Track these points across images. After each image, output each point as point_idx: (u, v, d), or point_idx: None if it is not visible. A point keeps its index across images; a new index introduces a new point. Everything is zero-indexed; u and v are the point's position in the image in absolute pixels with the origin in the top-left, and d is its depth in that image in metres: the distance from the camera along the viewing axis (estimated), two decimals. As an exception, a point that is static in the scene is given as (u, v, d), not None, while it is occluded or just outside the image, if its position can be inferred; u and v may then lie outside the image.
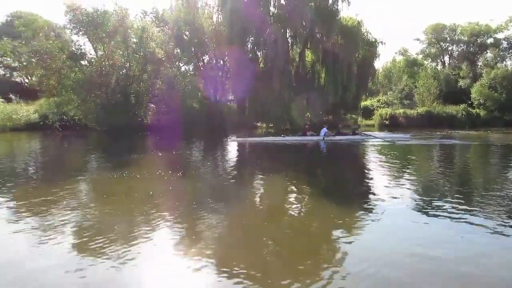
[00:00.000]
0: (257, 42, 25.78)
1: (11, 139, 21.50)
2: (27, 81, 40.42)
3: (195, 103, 28.35)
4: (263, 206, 6.98)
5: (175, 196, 7.46)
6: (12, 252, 4.59)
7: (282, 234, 5.28)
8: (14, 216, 6.10)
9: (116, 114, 23.60)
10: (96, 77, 24.09)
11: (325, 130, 18.95)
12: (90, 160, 13.64)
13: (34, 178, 10.15)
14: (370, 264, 4.13)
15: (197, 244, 4.72)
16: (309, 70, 26.81)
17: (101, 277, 3.87)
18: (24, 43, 24.51)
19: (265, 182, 9.26)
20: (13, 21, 35.80)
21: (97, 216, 6.08)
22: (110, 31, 23.85)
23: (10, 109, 26.61)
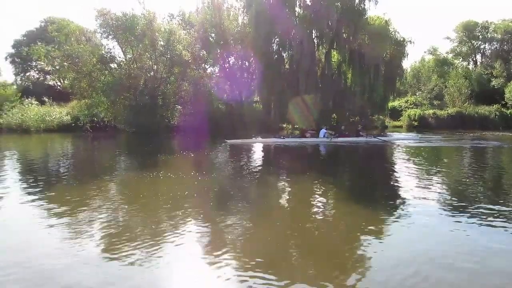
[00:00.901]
0: (282, 43, 25.70)
1: (45, 140, 22.28)
2: (59, 84, 41.82)
3: (220, 104, 28.56)
4: (288, 207, 6.95)
5: (201, 196, 7.52)
6: (42, 248, 4.74)
7: (308, 235, 5.23)
8: (47, 214, 6.32)
9: (144, 116, 24.05)
10: (125, 79, 24.65)
11: (324, 131, 18.69)
12: (119, 161, 13.96)
13: (66, 177, 10.47)
14: (396, 267, 4.04)
15: (222, 246, 4.73)
16: (335, 70, 26.51)
17: (127, 276, 3.95)
18: (57, 47, 25.34)
19: (290, 183, 9.22)
20: (46, 26, 37.13)
21: (124, 216, 6.21)
22: (138, 34, 24.36)
23: (43, 111, 27.63)
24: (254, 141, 18.21)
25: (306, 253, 4.56)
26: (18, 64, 47.31)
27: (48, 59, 26.84)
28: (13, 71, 48.37)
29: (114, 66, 26.25)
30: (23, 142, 21.22)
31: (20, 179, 9.78)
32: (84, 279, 3.82)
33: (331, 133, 18.80)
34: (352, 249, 4.72)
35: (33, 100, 29.42)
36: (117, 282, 3.78)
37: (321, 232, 5.37)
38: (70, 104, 29.97)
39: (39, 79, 47.86)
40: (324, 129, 18.87)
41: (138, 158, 14.33)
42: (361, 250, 4.61)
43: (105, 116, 26.23)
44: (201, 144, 17.72)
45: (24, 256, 4.44)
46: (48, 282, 3.78)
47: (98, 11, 24.49)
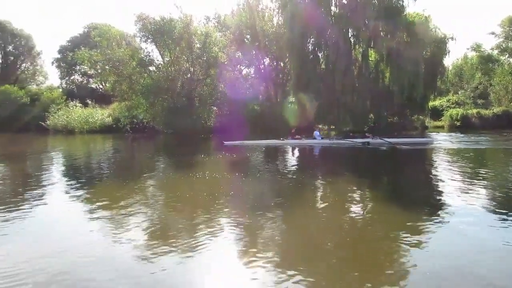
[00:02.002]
0: (318, 43, 25.42)
1: (88, 141, 23.24)
2: (101, 87, 43.51)
3: (256, 105, 28.68)
4: (325, 209, 6.87)
5: (237, 197, 7.59)
6: (82, 243, 4.93)
7: (344, 239, 5.15)
8: (87, 211, 6.60)
9: (181, 117, 24.57)
10: (163, 82, 25.29)
11: (317, 133, 18.31)
12: (157, 161, 14.33)
13: (106, 176, 10.90)
14: (435, 272, 3.91)
15: (257, 247, 4.74)
16: (372, 70, 25.90)
17: (161, 275, 4.02)
18: (99, 52, 26.38)
19: (326, 185, 9.12)
20: (89, 32, 38.76)
21: (161, 215, 6.38)
22: (176, 37, 24.92)
23: (87, 113, 28.89)
24: (252, 143, 17.84)
25: (342, 257, 4.49)
26: (64, 69, 49.67)
27: (91, 63, 28.04)
28: (59, 75, 50.91)
29: (153, 69, 27.00)
30: (68, 143, 22.25)
31: (64, 178, 10.26)
32: (118, 277, 3.93)
33: (323, 137, 18.52)
34: (389, 252, 4.61)
35: (77, 102, 30.84)
36: (152, 281, 3.88)
37: (357, 236, 5.27)
38: (111, 106, 31.19)
39: (83, 82, 50.03)
40: (317, 131, 18.59)
41: (175, 159, 14.66)
42: (398, 254, 4.48)
43: (144, 118, 27.03)
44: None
45: (63, 250, 4.65)
46: (83, 278, 3.91)
47: (138, 16, 25.28)
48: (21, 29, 49.82)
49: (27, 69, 52.41)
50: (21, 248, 4.74)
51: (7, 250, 4.65)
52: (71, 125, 27.73)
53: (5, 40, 48.81)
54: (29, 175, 10.81)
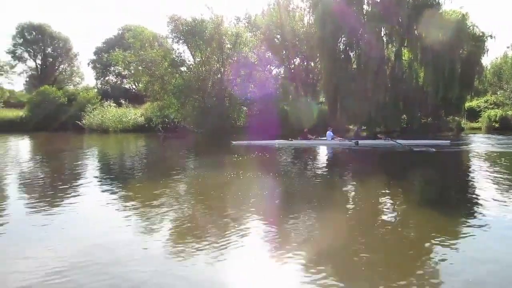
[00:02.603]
0: (349, 42, 25.05)
1: (121, 140, 23.87)
2: (134, 87, 44.60)
3: (286, 105, 28.59)
4: (356, 211, 6.75)
5: (266, 197, 7.58)
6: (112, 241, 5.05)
7: (376, 240, 5.04)
8: (120, 208, 6.77)
9: (211, 117, 24.81)
10: (194, 82, 25.62)
11: (330, 134, 17.73)
12: (188, 160, 14.54)
13: (139, 174, 11.17)
14: (474, 279, 3.75)
15: (286, 247, 4.70)
16: (405, 69, 25.23)
17: (191, 273, 4.07)
18: (132, 53, 27.02)
19: (357, 186, 8.96)
20: (124, 33, 39.79)
21: (192, 213, 6.45)
22: (207, 38, 25.17)
23: (120, 113, 29.66)
24: (259, 143, 17.67)
25: (374, 260, 4.39)
26: (99, 69, 51.30)
27: (125, 64, 28.77)
28: (94, 75, 52.64)
29: (184, 69, 27.39)
30: (103, 141, 22.93)
31: (100, 176, 10.57)
32: (150, 275, 3.99)
33: (334, 137, 17.90)
34: (424, 258, 4.46)
35: (111, 102, 31.71)
36: (182, 279, 3.92)
37: (390, 240, 5.14)
38: (144, 106, 31.92)
39: (117, 82, 51.48)
40: (331, 132, 17.97)
41: (205, 158, 14.82)
42: (433, 260, 4.33)
43: (176, 117, 27.47)
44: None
45: (97, 247, 4.78)
46: (114, 275, 4.01)
47: (170, 17, 25.72)
48: (59, 32, 51.88)
49: (64, 70, 54.49)
50: (58, 244, 4.90)
51: (46, 247, 4.82)
52: (106, 124, 28.55)
53: (45, 43, 50.92)
54: (66, 173, 11.21)
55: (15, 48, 50.31)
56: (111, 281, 3.82)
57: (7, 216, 6.30)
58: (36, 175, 10.66)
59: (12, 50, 50.20)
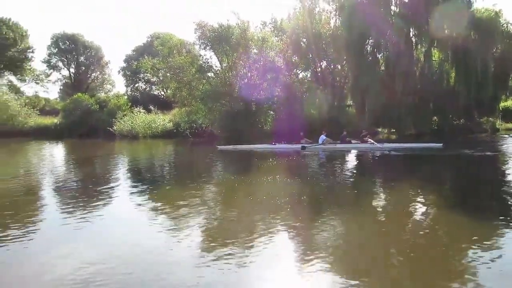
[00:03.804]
0: (377, 44, 24.67)
1: (151, 145, 24.36)
2: (163, 94, 45.49)
3: (313, 109, 28.41)
4: (385, 215, 6.64)
5: (294, 201, 7.56)
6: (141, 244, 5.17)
7: (406, 245, 4.93)
8: (150, 212, 6.94)
9: (238, 121, 24.97)
10: (220, 87, 25.88)
11: (323, 138, 17.43)
12: (216, 164, 14.70)
13: (168, 179, 11.41)
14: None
15: (312, 253, 4.68)
16: (436, 70, 24.59)
17: (219, 276, 4.11)
18: (161, 60, 27.57)
19: (386, 190, 8.80)
20: (152, 41, 40.75)
21: (219, 217, 6.54)
22: (233, 43, 25.41)
23: (150, 119, 30.28)
24: (245, 147, 17.97)
25: (404, 264, 4.30)
26: (129, 77, 52.67)
27: (154, 71, 29.46)
28: (125, 83, 54.12)
29: (211, 75, 27.73)
30: (133, 147, 23.48)
31: (130, 180, 10.86)
32: (178, 278, 4.08)
33: (330, 140, 17.64)
34: (455, 261, 4.34)
35: (141, 108, 32.43)
36: (209, 282, 3.97)
37: (421, 242, 5.03)
38: (172, 111, 32.49)
39: (146, 89, 52.68)
40: (324, 135, 17.71)
41: (233, 162, 14.92)
42: (464, 264, 4.21)
43: (203, 122, 27.81)
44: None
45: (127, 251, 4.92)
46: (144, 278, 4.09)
47: (197, 24, 26.13)
48: (91, 41, 53.69)
49: (96, 78, 56.30)
50: (90, 247, 5.09)
51: (77, 251, 5.00)
52: (136, 130, 29.19)
53: (78, 52, 52.81)
54: (99, 177, 11.55)
55: (50, 58, 52.48)
56: (141, 284, 3.92)
57: (42, 219, 6.59)
58: (70, 179, 11.06)
59: (47, 60, 52.38)
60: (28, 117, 34.35)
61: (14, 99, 34.55)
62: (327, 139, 17.65)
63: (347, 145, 17.57)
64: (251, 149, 17.85)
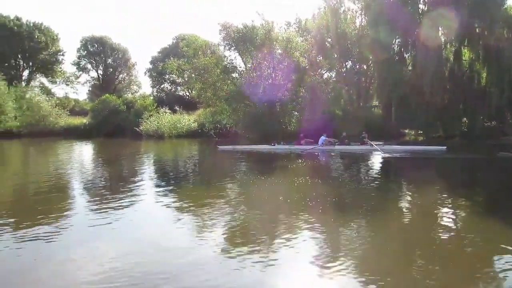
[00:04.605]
0: (404, 43, 24.20)
1: (176, 145, 24.69)
2: (188, 94, 46.01)
3: (338, 109, 28.12)
4: (411, 219, 6.50)
5: (318, 202, 7.50)
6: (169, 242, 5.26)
7: (435, 251, 4.80)
8: (174, 210, 7.07)
9: (262, 122, 24.95)
10: (245, 88, 25.94)
11: (323, 138, 17.37)
12: (239, 165, 14.74)
13: (193, 179, 11.53)
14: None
15: (336, 255, 4.63)
16: (466, 70, 23.89)
17: (240, 275, 4.14)
18: (186, 61, 27.90)
19: (411, 194, 8.61)
20: (178, 42, 41.30)
21: (243, 216, 6.54)
22: (258, 44, 25.43)
23: (175, 119, 30.73)
24: (244, 148, 18.42)
25: (427, 268, 4.19)
26: (155, 78, 53.53)
27: (179, 72, 29.83)
28: (150, 83, 55.00)
29: (236, 75, 27.83)
30: (159, 147, 23.86)
31: (155, 179, 11.04)
32: (202, 277, 4.09)
33: (330, 140, 17.61)
34: (483, 268, 4.19)
35: (166, 109, 32.93)
36: (231, 281, 3.99)
37: (449, 247, 4.89)
38: (197, 112, 32.86)
39: (171, 90, 53.40)
40: (324, 136, 17.66)
41: (256, 163, 14.94)
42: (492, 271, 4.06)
43: (227, 123, 27.96)
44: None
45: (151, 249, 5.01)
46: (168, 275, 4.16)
47: (222, 25, 26.28)
48: (118, 43, 54.92)
49: (123, 79, 57.52)
50: (114, 246, 5.19)
51: (103, 248, 5.13)
52: (161, 130, 29.67)
53: (106, 54, 54.12)
54: (125, 176, 11.80)
55: (79, 60, 54.02)
56: (164, 281, 3.97)
57: (71, 216, 6.78)
58: (98, 178, 11.34)
59: (77, 62, 53.96)
60: (59, 118, 35.43)
61: (46, 100, 35.75)
62: (327, 139, 17.71)
63: (346, 147, 17.53)
64: (251, 150, 18.31)
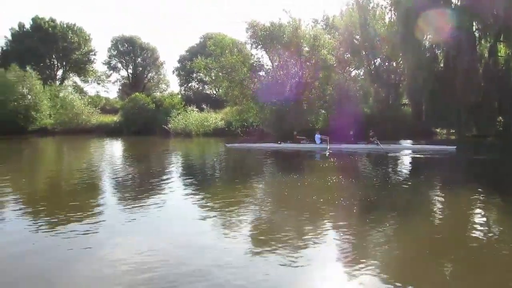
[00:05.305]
0: (436, 39, 23.48)
1: (203, 143, 24.97)
2: (215, 93, 46.42)
3: (366, 107, 27.66)
4: (444, 221, 6.31)
5: (346, 202, 7.40)
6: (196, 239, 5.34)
7: (467, 256, 4.64)
8: (201, 209, 7.13)
9: (289, 120, 24.83)
10: (272, 86, 25.87)
11: (318, 136, 17.24)
12: (266, 163, 14.75)
13: (219, 176, 11.66)
14: None
15: (364, 255, 4.58)
16: (502, 66, 22.95)
17: (266, 275, 4.15)
18: (213, 59, 28.13)
19: (448, 194, 8.35)
20: (205, 41, 41.67)
21: (269, 216, 6.56)
22: (285, 42, 25.29)
23: (202, 117, 31.08)
24: (251, 146, 18.84)
25: (464, 275, 4.05)
26: (182, 76, 54.36)
27: (206, 70, 30.06)
28: (178, 82, 55.91)
29: (263, 73, 27.80)
30: (186, 145, 24.20)
31: (182, 177, 11.24)
32: (228, 275, 4.12)
33: (324, 138, 17.37)
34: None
35: (194, 107, 33.36)
36: (258, 280, 3.99)
37: (484, 252, 4.71)
38: (224, 110, 33.08)
39: (199, 88, 54.10)
40: (318, 135, 17.59)
41: (283, 161, 14.90)
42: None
43: (254, 121, 27.99)
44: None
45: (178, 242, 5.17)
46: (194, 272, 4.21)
47: (249, 23, 26.28)
48: (147, 43, 56.00)
49: (152, 78, 58.66)
50: (142, 242, 5.29)
51: (132, 242, 5.28)
52: (189, 128, 30.07)
53: (135, 53, 55.33)
54: (154, 173, 12.02)
55: (110, 59, 55.47)
56: (194, 278, 4.02)
57: (102, 211, 6.99)
58: (128, 174, 11.63)
59: (108, 61, 55.46)
60: (91, 116, 36.54)
61: (78, 99, 36.97)
62: (322, 137, 17.72)
63: (351, 145, 17.48)
64: (258, 148, 18.63)
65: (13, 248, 5.02)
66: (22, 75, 34.80)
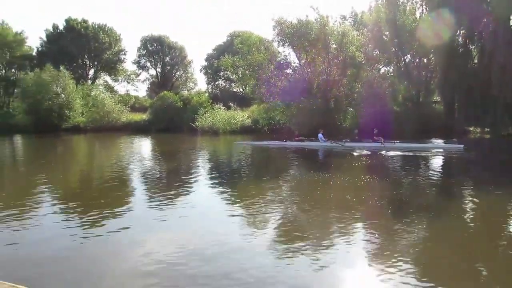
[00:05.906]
0: (469, 34, 22.66)
1: (230, 141, 25.09)
2: (242, 91, 46.57)
3: (396, 105, 27.05)
4: (474, 222, 6.11)
5: (374, 202, 7.29)
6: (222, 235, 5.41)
7: (502, 257, 4.47)
8: (228, 206, 7.22)
9: (316, 118, 24.58)
10: (299, 84, 25.71)
11: (321, 136, 17.14)
12: (293, 162, 14.74)
13: (246, 174, 11.71)
14: None
15: (392, 254, 4.51)
16: (541, 61, 21.94)
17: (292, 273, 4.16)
18: (240, 57, 28.21)
19: (477, 194, 8.07)
20: (232, 40, 41.86)
21: (296, 214, 6.56)
22: (312, 39, 25.06)
23: (229, 115, 31.25)
24: (258, 143, 19.60)
25: (497, 281, 3.90)
26: (210, 75, 54.81)
27: (233, 68, 30.21)
28: (206, 80, 56.45)
29: (290, 71, 27.66)
30: (213, 142, 24.44)
31: (209, 174, 11.42)
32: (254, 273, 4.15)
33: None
34: None
35: (221, 105, 33.59)
36: (282, 279, 4.01)
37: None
38: (251, 108, 33.13)
39: (226, 86, 54.40)
40: (321, 134, 17.54)
41: (310, 160, 14.81)
42: None
43: (281, 119, 27.89)
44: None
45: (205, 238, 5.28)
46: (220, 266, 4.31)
47: (276, 21, 26.17)
48: (175, 42, 56.76)
49: (180, 77, 59.43)
50: (168, 238, 5.42)
51: (160, 238, 5.40)
52: (216, 126, 30.29)
53: (164, 52, 56.17)
54: (182, 170, 12.24)
55: (139, 59, 56.58)
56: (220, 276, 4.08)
57: (134, 208, 7.20)
58: (157, 171, 11.89)
59: (137, 61, 56.60)
60: (121, 114, 37.42)
61: (109, 98, 37.94)
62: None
63: (354, 143, 17.38)
64: (266, 145, 19.03)
65: (53, 244, 5.24)
66: (56, 74, 36.07)
